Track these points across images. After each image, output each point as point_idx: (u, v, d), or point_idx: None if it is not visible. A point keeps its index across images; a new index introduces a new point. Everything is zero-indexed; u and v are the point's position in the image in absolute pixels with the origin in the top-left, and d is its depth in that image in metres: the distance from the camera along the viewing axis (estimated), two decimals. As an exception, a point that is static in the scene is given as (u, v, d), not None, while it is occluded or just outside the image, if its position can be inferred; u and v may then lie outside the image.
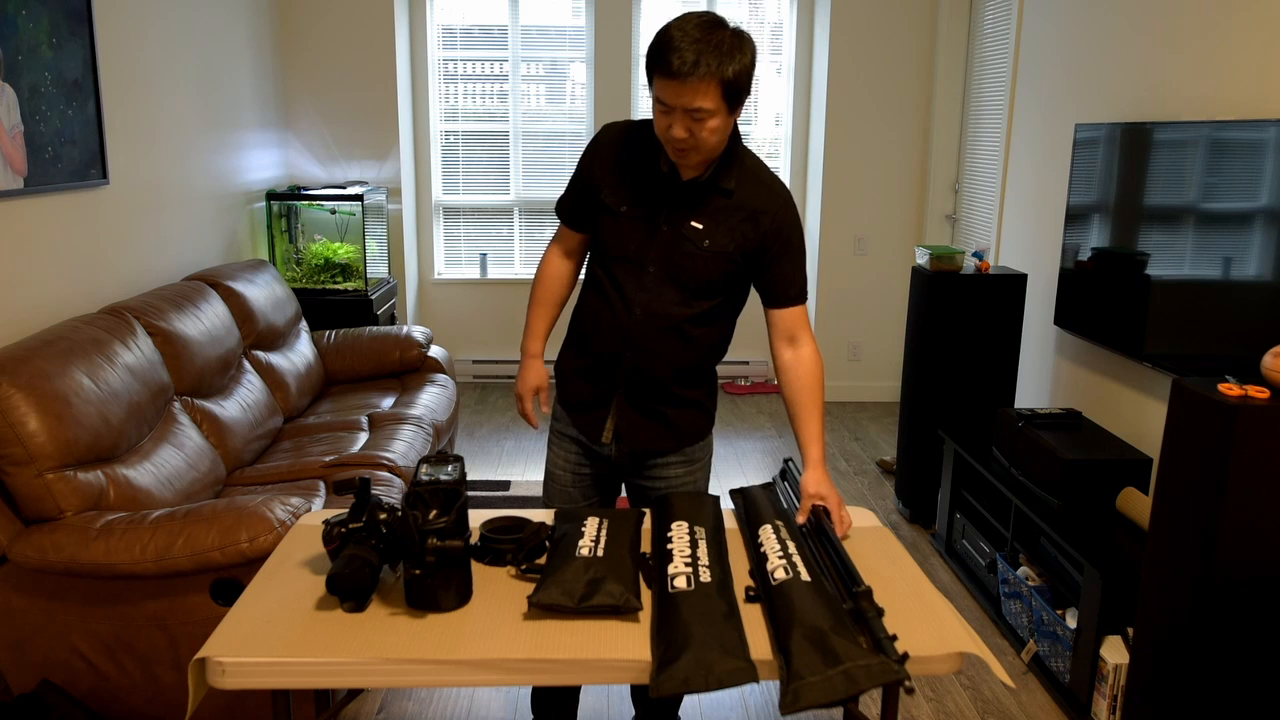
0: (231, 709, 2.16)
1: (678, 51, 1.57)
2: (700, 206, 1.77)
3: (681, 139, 1.65)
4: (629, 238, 1.80)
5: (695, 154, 1.69)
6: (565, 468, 2.00)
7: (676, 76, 1.58)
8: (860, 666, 1.28)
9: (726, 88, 1.61)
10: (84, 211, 2.90)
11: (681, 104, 1.61)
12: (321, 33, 4.77)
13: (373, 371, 3.89)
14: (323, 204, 4.47)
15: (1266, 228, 2.33)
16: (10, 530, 2.11)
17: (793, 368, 1.88)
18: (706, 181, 1.77)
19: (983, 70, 4.53)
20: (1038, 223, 3.72)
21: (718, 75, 1.58)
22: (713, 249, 1.77)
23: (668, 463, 1.94)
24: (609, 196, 1.82)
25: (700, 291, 1.81)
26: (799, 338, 1.88)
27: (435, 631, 1.40)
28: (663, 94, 1.62)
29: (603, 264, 1.86)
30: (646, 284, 1.80)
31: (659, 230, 1.78)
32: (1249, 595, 1.89)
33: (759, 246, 1.80)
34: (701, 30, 1.58)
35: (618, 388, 1.88)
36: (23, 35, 2.56)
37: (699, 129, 1.64)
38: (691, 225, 1.77)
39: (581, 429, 1.95)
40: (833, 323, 5.19)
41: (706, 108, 1.61)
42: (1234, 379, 1.90)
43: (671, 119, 1.64)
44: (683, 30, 1.58)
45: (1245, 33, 2.53)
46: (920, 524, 3.64)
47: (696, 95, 1.59)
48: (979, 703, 2.52)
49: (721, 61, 1.58)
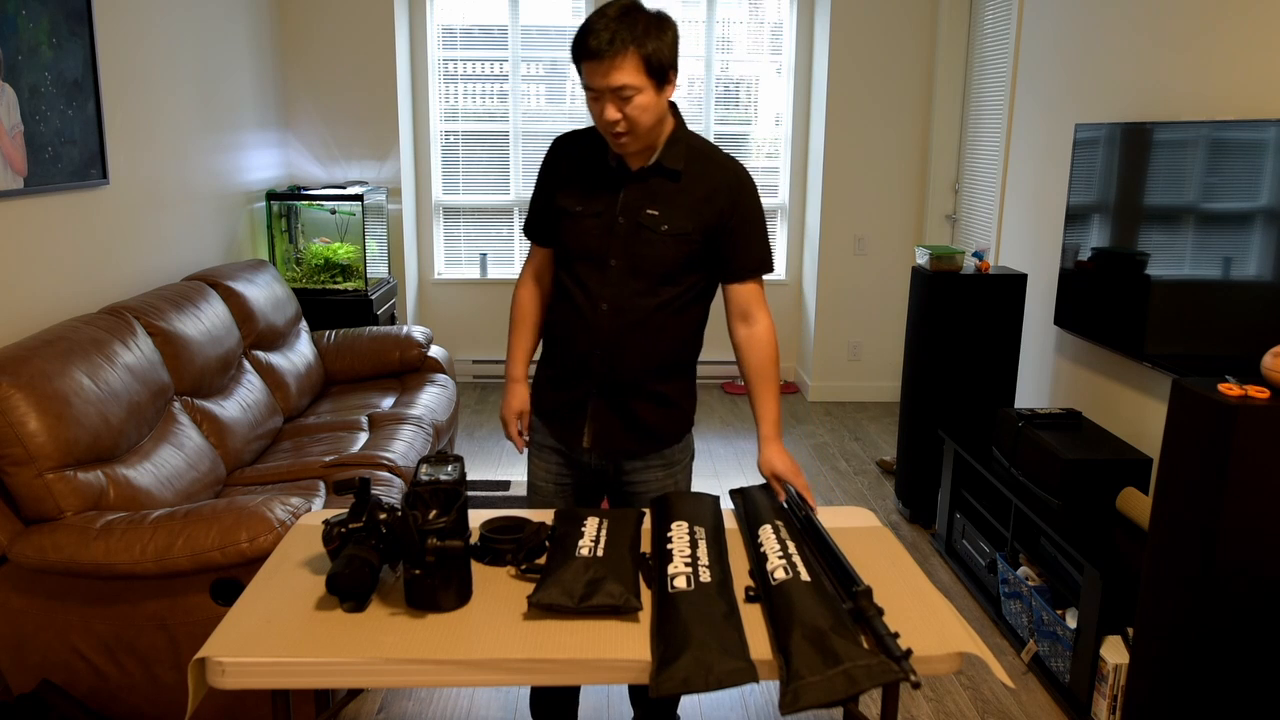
0: (231, 709, 2.16)
1: (594, 33, 1.63)
2: (653, 193, 1.80)
3: (614, 120, 1.69)
4: (588, 236, 1.82)
5: (632, 137, 1.72)
6: (547, 479, 2.00)
7: (596, 56, 1.63)
8: (860, 666, 1.28)
9: (648, 63, 1.66)
10: (84, 211, 2.90)
11: (606, 84, 1.66)
12: (321, 33, 4.77)
13: (373, 371, 3.89)
14: (323, 204, 4.47)
15: (1266, 228, 2.33)
16: (10, 530, 2.11)
17: (748, 344, 1.90)
18: (653, 167, 1.80)
19: (983, 70, 4.53)
20: (1038, 223, 3.72)
21: (637, 51, 1.64)
22: (672, 232, 1.79)
23: (647, 466, 1.94)
24: (564, 199, 1.85)
25: (664, 278, 1.82)
26: (754, 314, 1.89)
27: (435, 631, 1.40)
28: (589, 78, 1.67)
29: (567, 268, 1.87)
30: (611, 279, 1.82)
31: (615, 223, 1.80)
32: (1249, 595, 1.89)
33: (718, 224, 1.82)
34: (618, 12, 1.65)
35: (591, 390, 1.88)
36: (23, 35, 2.56)
37: (628, 108, 1.68)
38: (647, 213, 1.80)
39: (560, 437, 1.95)
40: (833, 323, 5.19)
41: (631, 84, 1.66)
42: (1234, 379, 1.90)
43: (602, 103, 1.69)
44: (601, 15, 1.66)
45: (1245, 33, 2.53)
46: (920, 524, 3.64)
47: (618, 72, 1.65)
48: (979, 703, 2.52)
49: (638, 37, 1.64)
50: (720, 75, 5.26)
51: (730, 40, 5.24)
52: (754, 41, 5.24)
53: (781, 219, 5.45)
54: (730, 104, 5.30)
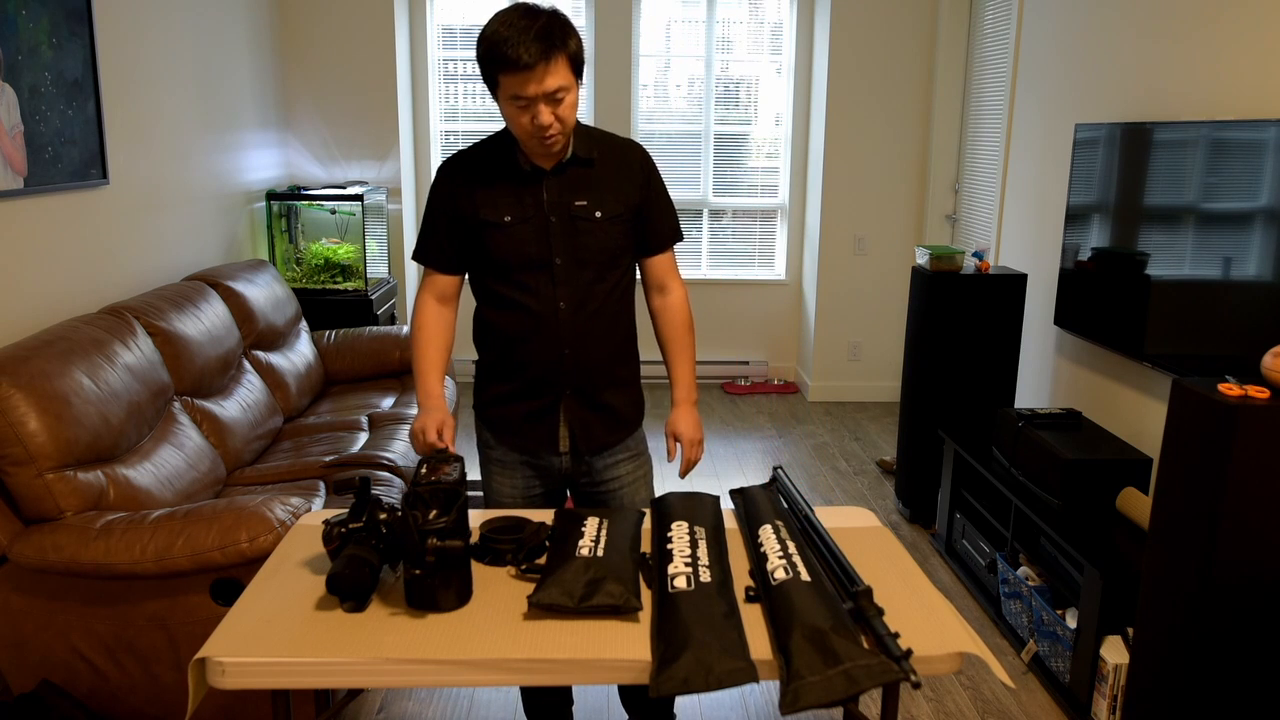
0: (231, 709, 2.16)
1: (522, 45, 1.63)
2: (573, 185, 1.83)
3: (550, 124, 1.70)
4: (525, 243, 1.81)
5: (562, 136, 1.75)
6: (514, 494, 1.97)
7: (528, 68, 1.64)
8: (860, 666, 1.28)
9: (573, 61, 1.71)
10: (84, 211, 2.90)
11: (542, 91, 1.67)
12: (321, 33, 4.77)
13: (373, 371, 3.89)
14: (323, 204, 4.47)
15: (1266, 228, 2.33)
16: (10, 530, 2.11)
17: (664, 312, 1.97)
18: (569, 160, 1.82)
19: (983, 70, 4.53)
20: (1038, 223, 3.72)
21: (564, 51, 1.67)
22: (607, 216, 1.83)
23: (617, 461, 1.96)
24: (487, 213, 1.82)
25: (609, 262, 1.86)
26: (668, 284, 1.97)
27: (435, 631, 1.40)
28: (519, 89, 1.67)
29: (507, 280, 1.84)
30: (561, 277, 1.83)
31: (549, 223, 1.81)
32: (1249, 595, 1.89)
33: (639, 200, 1.87)
34: (529, 19, 1.65)
35: (564, 390, 1.88)
36: (23, 35, 2.56)
37: (560, 109, 1.71)
38: (576, 205, 1.82)
39: (535, 447, 1.92)
40: (833, 323, 5.19)
41: (564, 84, 1.69)
42: (1234, 379, 1.90)
43: (533, 111, 1.69)
44: (512, 25, 1.65)
45: (1245, 33, 2.53)
46: (920, 524, 3.64)
47: (552, 76, 1.67)
48: (979, 703, 2.52)
49: (561, 40, 1.67)
50: (720, 75, 5.26)
51: (730, 40, 5.24)
52: (754, 41, 5.24)
53: (781, 219, 5.45)
54: (730, 104, 5.29)
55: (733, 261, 5.48)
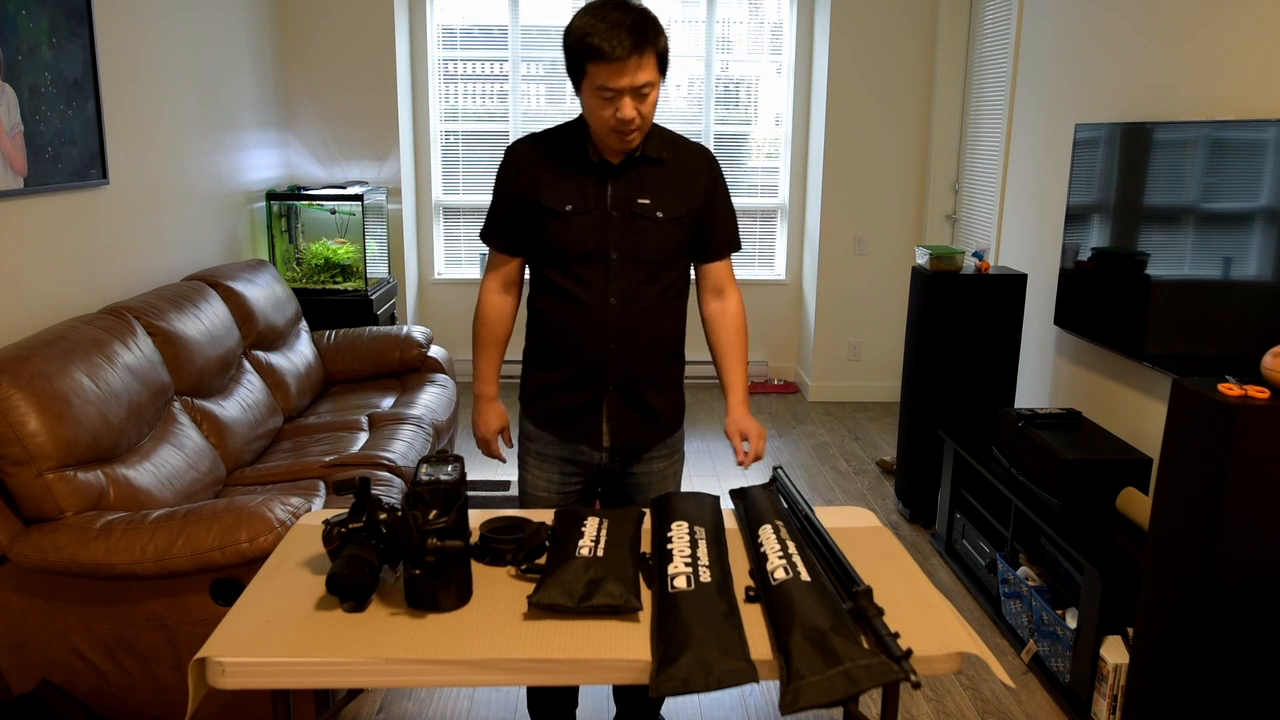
0: (231, 709, 2.16)
1: (615, 36, 1.65)
2: (640, 183, 1.83)
3: (631, 118, 1.71)
4: (584, 233, 1.82)
5: (640, 133, 1.77)
6: (550, 489, 1.98)
7: (619, 59, 1.66)
8: (860, 666, 1.28)
9: (660, 59, 1.73)
10: (84, 211, 2.90)
11: (630, 84, 1.69)
12: (321, 33, 4.77)
13: (373, 371, 3.89)
14: (323, 204, 4.47)
15: (1266, 228, 2.33)
16: (10, 530, 2.11)
17: (720, 317, 1.98)
18: (638, 158, 1.83)
19: (983, 70, 4.53)
20: (1038, 223, 3.72)
21: (654, 48, 1.70)
22: (668, 217, 1.84)
23: (651, 457, 1.97)
24: (549, 200, 1.83)
25: (664, 264, 1.86)
26: (725, 289, 1.98)
27: (435, 631, 1.40)
28: (607, 81, 1.69)
29: (563, 269, 1.86)
30: (615, 272, 1.83)
31: (610, 217, 1.82)
32: (1249, 595, 1.89)
33: (703, 204, 1.88)
34: (621, 12, 1.69)
35: (607, 386, 1.89)
36: (23, 35, 2.56)
37: (643, 105, 1.72)
38: (640, 202, 1.82)
39: (576, 439, 1.94)
40: (833, 323, 5.19)
41: (650, 80, 1.71)
42: (1234, 379, 1.90)
43: (617, 104, 1.71)
44: (606, 18, 1.67)
45: (1245, 33, 2.53)
46: (920, 524, 3.64)
47: (642, 71, 1.69)
48: (979, 703, 2.52)
49: (651, 36, 1.69)
50: (720, 75, 5.26)
51: (730, 40, 5.24)
52: (754, 41, 5.24)
53: (781, 219, 5.45)
54: (730, 104, 5.29)
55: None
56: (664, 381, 1.94)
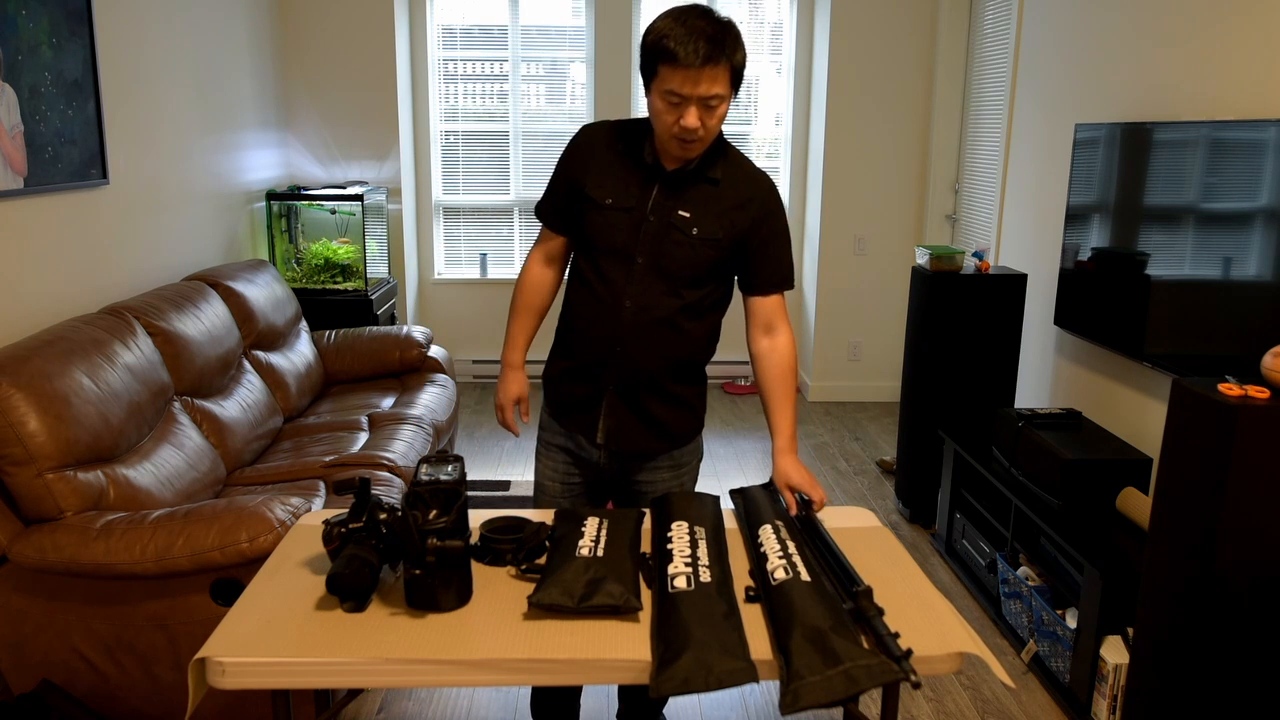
0: (231, 709, 2.16)
1: (691, 43, 1.62)
2: (686, 196, 1.80)
3: (695, 128, 1.68)
4: (616, 230, 1.81)
5: (702, 144, 1.73)
6: (554, 478, 2.00)
7: (692, 66, 1.62)
8: (860, 666, 1.28)
9: (734, 73, 1.68)
10: (84, 211, 2.90)
11: (698, 93, 1.65)
12: (321, 33, 4.77)
13: (373, 371, 3.89)
14: (323, 204, 4.47)
15: (1266, 228, 2.33)
16: (10, 530, 2.11)
17: (768, 355, 1.91)
18: (694, 171, 1.80)
19: (983, 70, 4.53)
20: (1038, 223, 3.72)
21: (729, 61, 1.65)
22: (702, 236, 1.79)
23: (655, 467, 1.95)
24: (594, 189, 1.83)
25: (689, 282, 1.82)
26: (776, 326, 1.90)
27: (435, 631, 1.40)
28: (677, 86, 1.65)
29: (590, 259, 1.86)
30: (635, 276, 1.81)
31: (646, 221, 1.80)
32: (1249, 595, 1.89)
33: (747, 233, 1.82)
34: (704, 20, 1.65)
35: (609, 385, 1.88)
36: (23, 35, 2.56)
37: (709, 117, 1.69)
38: (679, 214, 1.79)
39: (575, 431, 1.95)
40: (833, 323, 5.19)
41: (720, 93, 1.67)
42: (1234, 379, 1.90)
43: (683, 111, 1.67)
44: (686, 23, 1.64)
45: (1245, 33, 2.53)
46: (920, 524, 3.64)
47: (713, 83, 1.65)
48: (979, 703, 2.52)
49: (729, 49, 1.65)
50: (720, 75, 5.25)
51: (730, 40, 5.23)
52: (754, 41, 5.24)
53: (781, 219, 5.44)
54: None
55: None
56: (672, 396, 1.90)
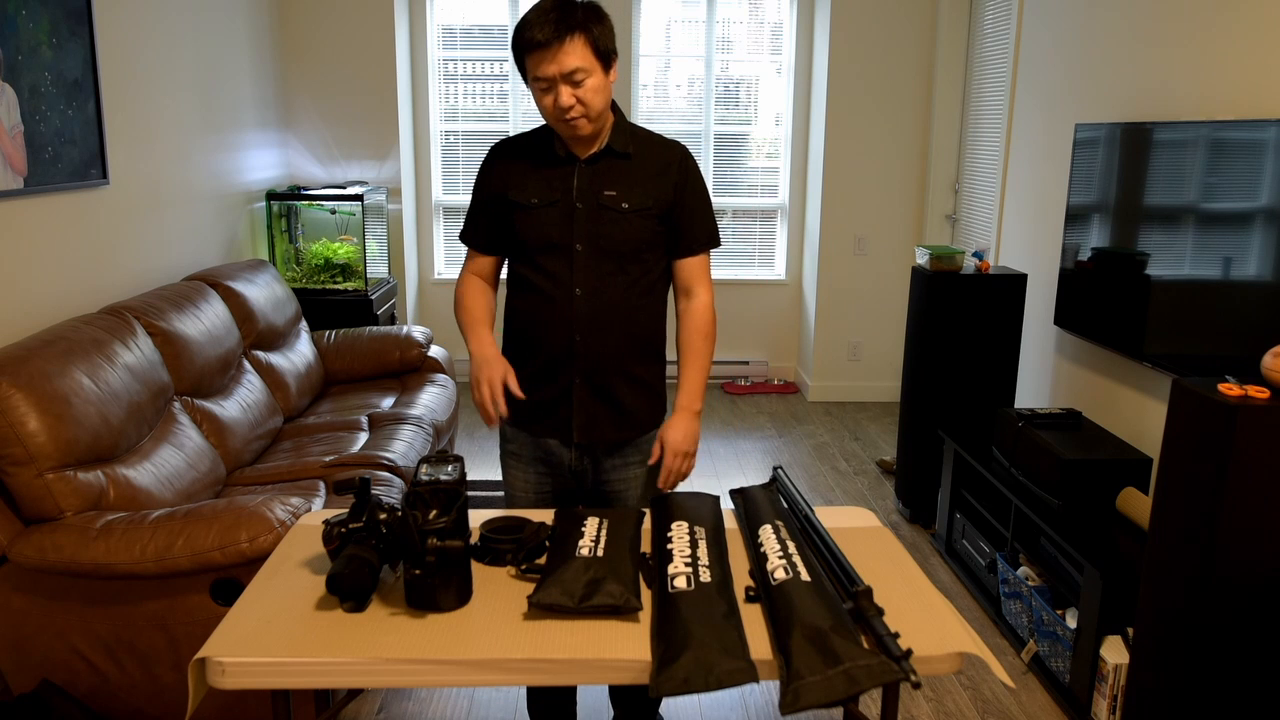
0: (231, 709, 2.16)
1: (539, 26, 1.70)
2: (607, 176, 1.85)
3: (570, 105, 1.73)
4: (549, 225, 1.84)
5: (586, 120, 1.77)
6: (525, 489, 2.00)
7: (546, 45, 1.69)
8: (860, 666, 1.28)
9: (594, 46, 1.73)
10: (84, 211, 2.90)
11: (559, 70, 1.71)
12: (321, 33, 4.77)
13: (373, 371, 3.89)
14: (323, 204, 4.47)
15: (1266, 228, 2.33)
16: (10, 530, 2.11)
17: (683, 317, 1.96)
18: (604, 151, 1.85)
19: (983, 70, 4.53)
20: (1038, 223, 3.72)
21: (583, 34, 1.71)
22: (634, 209, 1.84)
23: (627, 463, 1.96)
24: (516, 194, 1.87)
25: (632, 255, 1.86)
26: (695, 289, 1.94)
27: (435, 631, 1.40)
28: (539, 69, 1.72)
29: (528, 262, 1.89)
30: (580, 264, 1.84)
31: (575, 209, 1.84)
32: (1249, 595, 1.89)
33: (672, 198, 1.88)
34: (554, 4, 1.72)
35: (574, 378, 1.89)
36: (23, 35, 2.56)
37: (581, 91, 1.74)
38: (606, 194, 1.84)
39: (546, 435, 1.95)
40: (833, 323, 5.19)
41: (582, 66, 1.72)
42: (1234, 379, 1.90)
43: (555, 93, 1.74)
44: (537, 9, 1.72)
45: (1244, 33, 2.53)
46: (920, 524, 3.64)
47: (569, 57, 1.70)
48: (979, 703, 2.52)
49: (581, 22, 1.71)
50: (720, 75, 5.26)
51: (730, 40, 5.24)
52: (754, 41, 5.24)
53: (781, 219, 5.45)
54: (730, 104, 5.29)
55: (733, 261, 5.48)
56: (637, 378, 1.93)
